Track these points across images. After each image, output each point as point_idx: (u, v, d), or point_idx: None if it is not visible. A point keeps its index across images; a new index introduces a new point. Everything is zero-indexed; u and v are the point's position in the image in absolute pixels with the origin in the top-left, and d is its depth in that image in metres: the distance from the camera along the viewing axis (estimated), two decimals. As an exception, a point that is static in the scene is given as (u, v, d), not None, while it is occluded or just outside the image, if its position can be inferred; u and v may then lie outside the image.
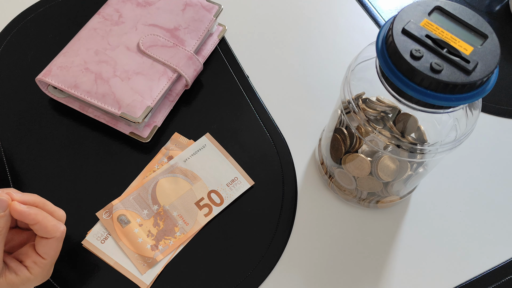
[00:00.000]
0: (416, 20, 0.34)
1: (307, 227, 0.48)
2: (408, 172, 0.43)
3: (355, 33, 0.61)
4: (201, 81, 0.56)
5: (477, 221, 0.49)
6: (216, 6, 0.56)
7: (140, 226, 0.46)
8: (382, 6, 0.64)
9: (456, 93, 0.32)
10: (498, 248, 0.48)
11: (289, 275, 0.45)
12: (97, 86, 0.49)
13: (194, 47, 0.54)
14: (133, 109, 0.48)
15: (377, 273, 0.46)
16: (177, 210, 0.47)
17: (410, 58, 0.32)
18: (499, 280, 0.46)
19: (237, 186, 0.49)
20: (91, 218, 0.47)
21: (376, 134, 0.38)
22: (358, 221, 0.48)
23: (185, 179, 0.49)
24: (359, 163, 0.43)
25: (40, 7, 0.60)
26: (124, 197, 0.48)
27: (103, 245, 0.45)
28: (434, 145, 0.38)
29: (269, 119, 0.54)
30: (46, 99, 0.53)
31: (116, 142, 0.51)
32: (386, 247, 0.47)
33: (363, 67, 0.40)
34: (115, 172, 0.49)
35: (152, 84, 0.50)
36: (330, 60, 0.59)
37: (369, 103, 0.40)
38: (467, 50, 0.33)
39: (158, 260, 0.45)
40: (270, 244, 0.47)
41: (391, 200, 0.47)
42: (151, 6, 0.55)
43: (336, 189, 0.49)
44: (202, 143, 0.51)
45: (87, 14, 0.59)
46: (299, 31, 0.61)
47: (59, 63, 0.50)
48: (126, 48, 0.52)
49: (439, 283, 0.46)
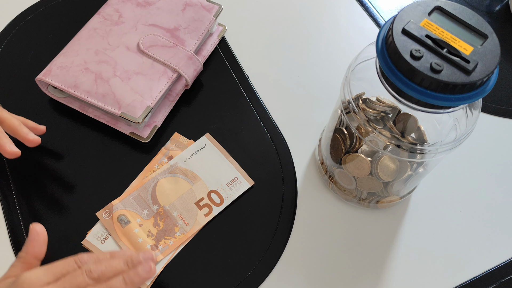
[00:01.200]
0: (416, 20, 0.34)
1: (307, 227, 0.48)
2: (408, 172, 0.43)
3: (355, 33, 0.61)
4: (201, 81, 0.56)
5: (477, 221, 0.49)
6: (216, 6, 0.56)
7: (140, 226, 0.46)
8: (382, 6, 0.64)
9: (456, 93, 0.32)
10: (498, 248, 0.48)
11: (289, 275, 0.45)
12: (97, 86, 0.49)
13: (194, 47, 0.54)
14: (133, 109, 0.48)
15: (377, 273, 0.46)
16: (177, 210, 0.47)
17: (410, 58, 0.32)
18: (499, 280, 0.46)
19: (237, 186, 0.49)
20: (91, 218, 0.47)
21: (376, 134, 0.38)
22: (358, 221, 0.48)
23: (185, 179, 0.49)
24: (359, 163, 0.43)
25: (40, 7, 0.60)
26: (124, 197, 0.48)
27: (103, 245, 0.45)
28: (434, 145, 0.38)
29: (269, 119, 0.54)
30: (46, 99, 0.53)
31: (116, 142, 0.51)
32: (386, 247, 0.47)
33: (363, 67, 0.40)
34: (115, 172, 0.49)
35: (152, 84, 0.50)
36: (330, 60, 0.59)
37: (369, 103, 0.40)
38: (467, 50, 0.33)
39: (158, 260, 0.45)
40: (270, 244, 0.46)
41: (391, 200, 0.47)
42: (151, 6, 0.55)
43: (336, 189, 0.49)
44: (202, 143, 0.51)
45: (87, 14, 0.59)
46: (299, 31, 0.61)
47: (59, 63, 0.50)
48: (126, 48, 0.52)
49: (439, 283, 0.46)
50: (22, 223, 0.46)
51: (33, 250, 0.39)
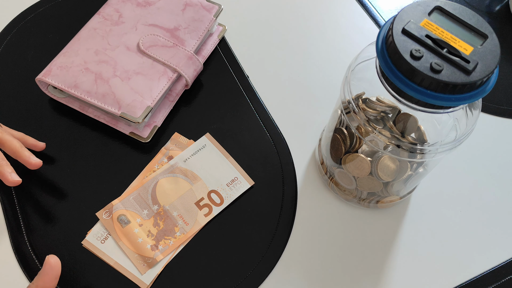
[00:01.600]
0: (416, 20, 0.34)
1: (307, 227, 0.48)
2: (408, 172, 0.43)
3: (355, 33, 0.61)
4: (201, 81, 0.56)
5: (477, 221, 0.49)
6: (216, 6, 0.56)
7: (140, 226, 0.46)
8: (382, 6, 0.64)
9: (456, 93, 0.32)
10: (498, 248, 0.48)
11: (289, 275, 0.45)
12: (97, 86, 0.49)
13: (194, 47, 0.54)
14: (133, 109, 0.48)
15: (377, 273, 0.46)
16: (177, 210, 0.47)
17: (410, 58, 0.32)
18: (499, 280, 0.46)
19: (237, 186, 0.49)
20: (91, 218, 0.47)
21: (376, 134, 0.38)
22: (358, 221, 0.48)
23: (185, 179, 0.49)
24: (359, 163, 0.43)
25: (40, 7, 0.60)
26: (124, 197, 0.48)
27: (103, 245, 0.45)
28: (434, 145, 0.38)
29: (269, 119, 0.54)
30: (46, 99, 0.53)
31: (116, 142, 0.51)
32: (386, 247, 0.47)
33: (363, 67, 0.40)
34: (115, 172, 0.49)
35: (152, 84, 0.50)
36: (330, 60, 0.59)
37: (369, 103, 0.40)
38: (467, 50, 0.33)
39: (158, 260, 0.45)
40: (270, 244, 0.46)
41: (391, 200, 0.47)
42: (151, 6, 0.55)
43: (336, 189, 0.49)
44: (202, 143, 0.51)
45: (87, 14, 0.59)
46: (299, 31, 0.61)
47: (59, 63, 0.50)
48: (126, 48, 0.52)
49: (439, 283, 0.46)
50: (22, 223, 0.46)
51: (44, 284, 0.39)
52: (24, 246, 0.45)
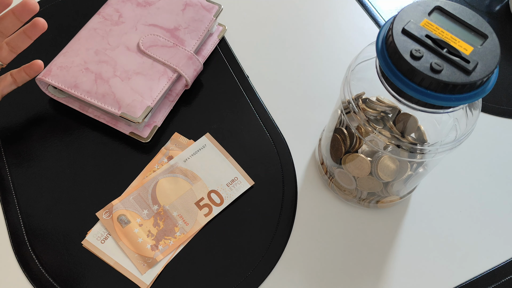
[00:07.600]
0: (416, 20, 0.34)
1: (307, 227, 0.48)
2: (408, 172, 0.43)
3: (355, 33, 0.61)
4: (201, 81, 0.56)
5: (477, 221, 0.49)
6: (216, 6, 0.56)
7: (140, 226, 0.46)
8: (382, 6, 0.64)
9: (456, 93, 0.32)
10: (498, 248, 0.48)
11: (289, 275, 0.45)
12: (97, 86, 0.49)
13: (194, 47, 0.54)
14: (133, 109, 0.48)
15: (377, 273, 0.46)
16: (177, 210, 0.47)
17: (410, 58, 0.32)
18: (499, 280, 0.46)
19: (237, 186, 0.49)
20: (91, 218, 0.47)
21: (376, 134, 0.38)
22: (358, 221, 0.48)
23: (185, 179, 0.49)
24: (359, 163, 0.43)
25: (40, 7, 0.60)
26: (124, 197, 0.48)
27: (103, 245, 0.45)
28: (434, 145, 0.38)
29: (269, 119, 0.54)
30: (46, 99, 0.53)
31: (116, 142, 0.51)
32: (386, 247, 0.47)
33: (363, 67, 0.40)
34: (115, 172, 0.49)
35: (152, 84, 0.50)
36: (330, 60, 0.59)
37: (369, 103, 0.40)
38: (467, 50, 0.33)
39: (158, 260, 0.45)
40: (270, 244, 0.47)
41: (391, 200, 0.47)
42: (151, 6, 0.55)
43: (336, 189, 0.49)
44: (202, 143, 0.51)
45: (87, 14, 0.59)
46: (299, 31, 0.61)
47: (59, 63, 0.50)
48: (126, 48, 0.52)
49: (439, 283, 0.46)
50: (22, 223, 0.46)
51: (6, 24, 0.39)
52: (24, 246, 0.45)
